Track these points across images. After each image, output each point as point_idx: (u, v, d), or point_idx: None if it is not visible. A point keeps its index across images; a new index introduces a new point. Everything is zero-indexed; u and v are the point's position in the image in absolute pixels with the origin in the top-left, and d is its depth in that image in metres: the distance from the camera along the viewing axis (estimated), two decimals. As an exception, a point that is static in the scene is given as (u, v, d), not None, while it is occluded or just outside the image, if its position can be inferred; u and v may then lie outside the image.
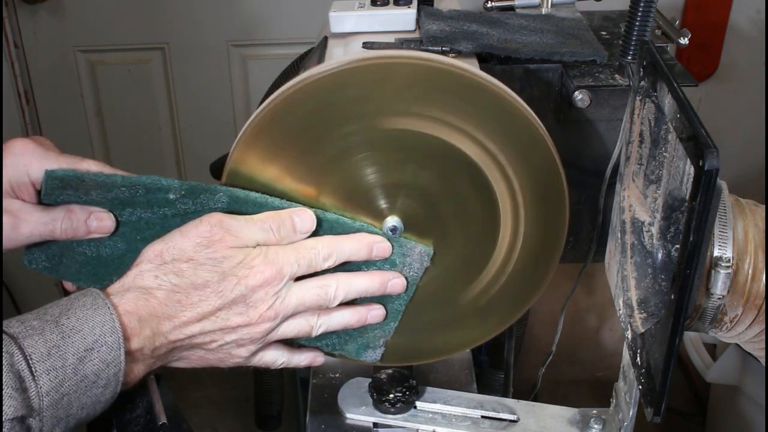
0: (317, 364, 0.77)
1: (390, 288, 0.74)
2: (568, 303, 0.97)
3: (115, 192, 0.71)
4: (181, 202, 0.70)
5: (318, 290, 0.70)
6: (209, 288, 0.66)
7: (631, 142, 0.74)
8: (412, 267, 0.75)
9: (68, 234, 0.72)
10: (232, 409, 2.17)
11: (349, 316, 0.74)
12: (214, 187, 0.70)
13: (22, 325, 0.59)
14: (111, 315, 0.62)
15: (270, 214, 0.69)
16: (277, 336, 0.71)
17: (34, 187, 0.71)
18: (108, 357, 0.61)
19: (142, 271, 0.66)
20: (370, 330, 0.77)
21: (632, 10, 0.81)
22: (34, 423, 0.57)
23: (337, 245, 0.71)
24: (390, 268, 0.74)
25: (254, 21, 1.99)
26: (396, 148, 0.71)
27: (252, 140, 0.70)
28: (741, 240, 0.68)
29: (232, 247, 0.67)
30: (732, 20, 1.98)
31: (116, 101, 2.08)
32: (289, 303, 0.69)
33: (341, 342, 0.78)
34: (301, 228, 0.70)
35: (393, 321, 0.77)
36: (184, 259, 0.66)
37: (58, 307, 0.62)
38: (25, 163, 0.70)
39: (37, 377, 0.57)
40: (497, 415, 0.85)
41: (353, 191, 0.72)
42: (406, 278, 0.74)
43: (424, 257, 0.75)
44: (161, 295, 0.65)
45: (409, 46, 0.80)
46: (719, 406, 1.81)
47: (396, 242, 0.73)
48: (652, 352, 0.65)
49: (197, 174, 2.10)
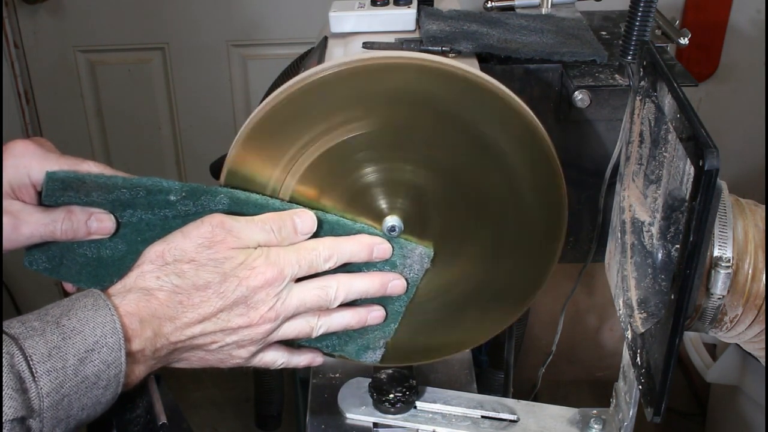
0: (316, 364, 0.77)
1: (390, 289, 0.74)
2: (568, 303, 0.97)
3: (116, 193, 0.71)
4: (181, 203, 0.70)
5: (319, 291, 0.70)
6: (211, 289, 0.66)
7: (631, 142, 0.74)
8: (412, 268, 0.75)
9: (68, 235, 0.72)
10: (232, 409, 2.17)
11: (349, 317, 0.74)
12: (214, 188, 0.70)
13: (23, 326, 0.59)
14: (112, 316, 0.62)
15: (271, 215, 0.70)
16: (278, 337, 0.71)
17: (35, 189, 0.71)
18: (109, 358, 0.61)
19: (143, 272, 0.66)
20: (371, 331, 0.77)
21: (632, 10, 0.81)
22: (35, 424, 0.57)
23: (338, 247, 0.71)
24: (390, 269, 0.74)
25: (254, 21, 1.99)
26: (395, 148, 0.71)
27: (250, 140, 0.70)
28: (741, 240, 0.68)
29: (234, 248, 0.67)
30: (732, 20, 1.98)
31: (116, 101, 2.08)
32: (290, 304, 0.69)
33: (341, 343, 0.78)
34: (302, 229, 0.70)
35: (393, 322, 0.77)
36: (186, 260, 0.66)
37: (59, 307, 0.62)
38: (25, 165, 0.70)
39: (38, 378, 0.57)
40: (497, 415, 0.85)
41: (353, 191, 0.72)
42: (407, 279, 0.74)
43: (424, 259, 0.75)
44: (163, 296, 0.65)
45: (409, 46, 0.80)
46: (719, 406, 1.81)
47: (396, 243, 0.73)
48: (652, 352, 0.65)
49: (197, 174, 2.10)
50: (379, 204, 0.73)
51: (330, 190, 0.72)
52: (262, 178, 0.71)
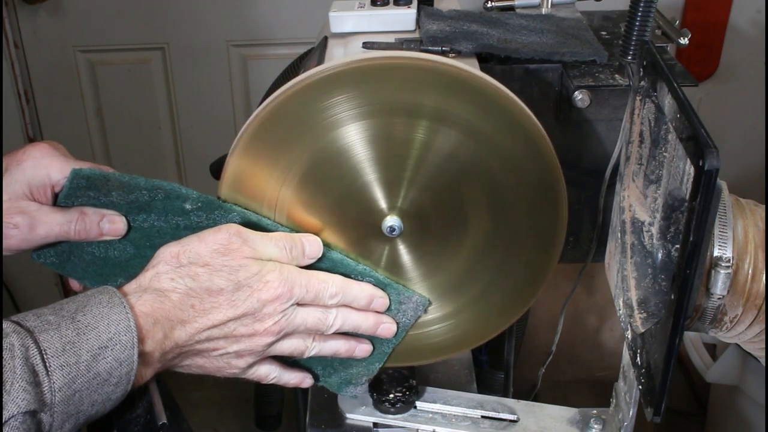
0: (305, 385, 0.79)
1: (380, 331, 0.76)
2: (568, 303, 0.97)
3: (136, 194, 0.72)
4: (195, 213, 0.72)
5: (320, 315, 0.72)
6: (223, 296, 0.67)
7: (631, 142, 0.74)
8: (406, 314, 0.77)
9: (81, 235, 0.73)
10: (232, 409, 2.17)
11: (340, 345, 0.76)
12: (229, 205, 0.72)
13: (39, 319, 0.59)
14: (126, 314, 0.62)
15: (284, 234, 0.71)
16: (274, 351, 0.73)
17: (53, 190, 0.73)
18: (121, 356, 0.61)
19: (158, 273, 0.67)
20: (355, 366, 0.79)
21: (632, 10, 0.81)
22: (45, 418, 0.57)
23: (346, 288, 0.73)
24: (385, 311, 0.76)
25: (254, 21, 1.99)
26: (395, 148, 0.71)
27: (249, 144, 0.71)
28: (741, 240, 0.68)
29: (248, 257, 0.68)
30: (732, 20, 1.98)
31: (116, 101, 2.08)
32: (293, 321, 0.71)
33: (326, 374, 0.80)
34: (309, 252, 0.72)
35: (378, 362, 0.79)
36: (201, 264, 0.67)
37: (74, 303, 0.62)
38: (45, 166, 0.72)
39: (51, 372, 0.57)
40: (497, 415, 0.85)
41: (352, 191, 0.72)
42: (398, 324, 0.77)
43: (419, 307, 0.77)
44: (176, 298, 0.66)
45: (409, 46, 0.80)
46: (719, 406, 1.81)
47: (395, 289, 0.76)
48: (652, 352, 0.65)
49: (197, 174, 2.10)
50: (379, 203, 0.73)
51: (330, 190, 0.72)
52: (262, 179, 0.72)
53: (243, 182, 0.72)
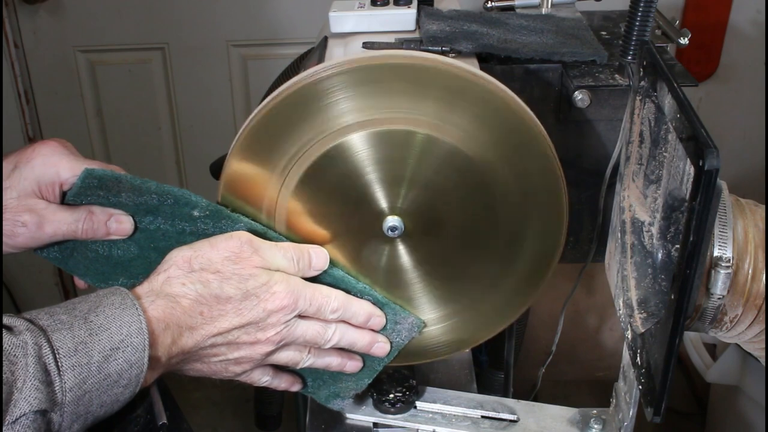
0: (294, 390, 0.80)
1: (375, 349, 0.77)
2: (568, 303, 0.97)
3: (145, 197, 0.72)
4: (202, 221, 0.72)
5: (319, 328, 0.73)
6: (231, 304, 0.67)
7: (631, 142, 0.74)
8: (400, 334, 0.78)
9: (88, 234, 0.73)
10: (232, 409, 2.17)
11: (332, 359, 0.77)
12: (237, 216, 0.72)
13: (51, 318, 0.59)
14: (139, 316, 0.62)
15: (292, 245, 0.72)
16: (271, 360, 0.73)
17: (61, 188, 0.73)
18: (132, 358, 0.61)
19: (170, 278, 0.67)
20: (345, 381, 0.80)
21: (632, 10, 0.81)
22: (55, 417, 0.57)
23: (347, 304, 0.74)
24: (380, 330, 0.77)
25: (254, 21, 1.99)
26: (395, 148, 0.71)
27: (247, 145, 0.71)
28: (741, 240, 0.68)
29: (258, 266, 0.68)
30: (732, 20, 1.98)
31: (116, 101, 2.08)
32: (293, 332, 0.71)
33: (315, 386, 0.81)
34: (316, 264, 0.73)
35: (367, 377, 0.80)
36: (212, 270, 0.67)
37: (86, 303, 0.62)
38: (54, 163, 0.72)
39: (63, 372, 0.57)
40: (497, 415, 0.85)
41: (352, 191, 0.72)
42: (392, 343, 0.78)
43: (414, 328, 0.78)
44: (186, 304, 0.66)
45: (409, 46, 0.80)
46: (719, 406, 1.81)
47: (392, 309, 0.77)
48: (652, 352, 0.65)
49: (197, 174, 2.10)
50: (379, 203, 0.73)
51: (330, 190, 0.72)
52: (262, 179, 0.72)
53: (242, 182, 0.72)
